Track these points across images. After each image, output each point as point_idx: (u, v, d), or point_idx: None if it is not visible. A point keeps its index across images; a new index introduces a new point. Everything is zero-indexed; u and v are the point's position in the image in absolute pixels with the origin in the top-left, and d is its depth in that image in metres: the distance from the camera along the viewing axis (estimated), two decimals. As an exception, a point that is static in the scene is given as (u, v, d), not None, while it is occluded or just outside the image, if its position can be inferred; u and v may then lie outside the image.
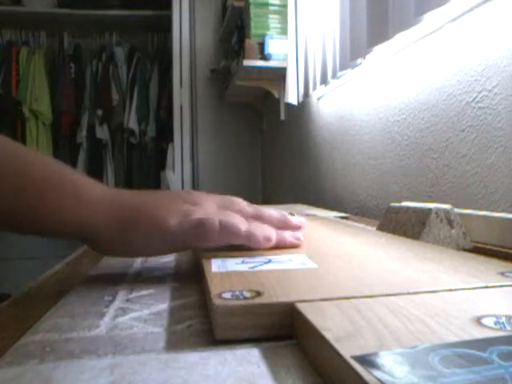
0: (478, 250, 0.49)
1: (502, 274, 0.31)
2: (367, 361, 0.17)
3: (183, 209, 0.39)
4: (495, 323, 0.22)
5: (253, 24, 1.69)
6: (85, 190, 0.39)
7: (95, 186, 0.40)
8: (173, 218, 0.38)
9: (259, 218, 0.43)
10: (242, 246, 0.41)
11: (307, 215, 0.86)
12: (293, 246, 0.43)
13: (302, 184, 1.71)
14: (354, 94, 1.21)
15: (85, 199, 0.38)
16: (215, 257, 0.39)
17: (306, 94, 1.42)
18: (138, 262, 0.49)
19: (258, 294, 0.27)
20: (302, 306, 0.25)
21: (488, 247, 0.50)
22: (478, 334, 0.20)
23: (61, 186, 0.38)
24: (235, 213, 0.41)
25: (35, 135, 2.74)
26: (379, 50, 0.97)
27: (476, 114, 0.72)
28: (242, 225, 0.39)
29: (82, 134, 2.82)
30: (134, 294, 0.36)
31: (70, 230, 0.39)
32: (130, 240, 0.39)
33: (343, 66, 1.10)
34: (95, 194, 0.39)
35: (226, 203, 0.43)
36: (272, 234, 0.41)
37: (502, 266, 0.34)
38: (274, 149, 2.24)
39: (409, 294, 0.27)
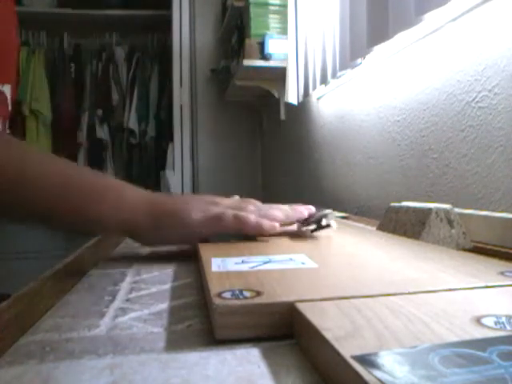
0: (478, 250, 0.49)
1: (502, 273, 0.31)
2: (367, 361, 0.17)
3: (204, 207, 0.49)
4: (495, 323, 0.22)
5: (253, 24, 1.69)
6: (126, 194, 0.48)
7: (132, 189, 0.49)
8: (196, 213, 0.47)
9: (266, 216, 0.51)
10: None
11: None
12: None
13: (302, 184, 1.71)
14: (353, 93, 1.21)
15: (128, 201, 0.47)
16: (215, 256, 0.39)
17: (306, 94, 1.42)
18: (138, 262, 0.49)
19: (258, 293, 0.27)
20: (301, 306, 0.25)
21: (488, 247, 0.50)
22: (478, 333, 0.20)
23: (105, 191, 0.47)
24: (248, 211, 0.50)
25: (35, 135, 2.74)
26: (379, 49, 0.97)
27: (476, 114, 0.72)
28: (252, 217, 0.48)
29: (82, 133, 2.82)
30: (134, 294, 0.36)
31: (116, 226, 0.47)
32: (162, 231, 0.48)
33: (343, 66, 1.10)
34: (135, 196, 0.48)
35: (242, 204, 0.52)
36: (276, 224, 0.50)
37: (502, 265, 0.35)
38: (274, 149, 2.24)
39: (409, 293, 0.27)
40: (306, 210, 0.55)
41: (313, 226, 0.54)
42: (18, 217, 0.48)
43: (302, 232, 0.55)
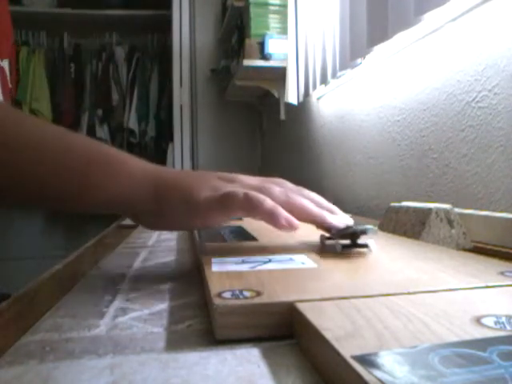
0: (478, 250, 0.49)
1: (502, 273, 0.31)
2: (367, 361, 0.17)
3: (216, 184, 0.40)
4: (495, 323, 0.22)
5: (253, 24, 1.69)
6: (127, 167, 0.40)
7: (134, 161, 0.41)
8: (203, 191, 0.39)
9: (290, 204, 0.40)
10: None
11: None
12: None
13: (302, 184, 1.71)
14: (353, 93, 1.21)
15: (128, 175, 0.40)
16: (215, 256, 0.39)
17: (306, 94, 1.42)
18: (138, 262, 0.49)
19: (258, 293, 0.27)
20: (301, 306, 0.25)
21: (488, 247, 0.50)
22: (478, 333, 0.20)
23: (104, 162, 0.40)
24: (270, 193, 0.40)
25: (35, 135, 2.74)
26: (379, 49, 0.97)
27: (476, 114, 0.72)
28: (267, 201, 0.38)
29: (82, 133, 2.82)
30: (134, 294, 0.36)
31: (114, 204, 0.40)
32: (166, 212, 0.40)
33: (343, 66, 1.10)
34: (137, 170, 0.40)
35: (265, 183, 0.43)
36: (295, 223, 0.38)
37: (502, 265, 0.35)
38: (274, 149, 2.24)
39: (409, 293, 0.27)
40: (344, 222, 0.42)
41: (346, 241, 0.42)
42: (37, 196, 0.41)
43: (328, 247, 0.43)
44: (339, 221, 0.42)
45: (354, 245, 0.42)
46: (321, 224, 0.42)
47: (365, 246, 0.41)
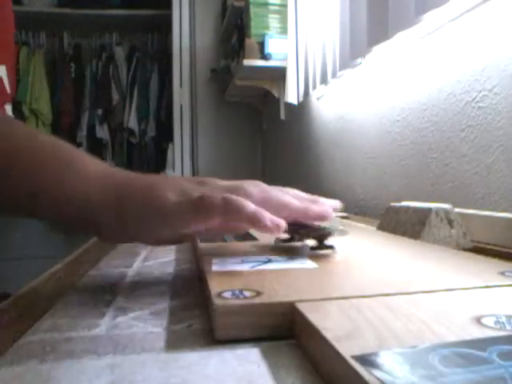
0: (478, 250, 0.49)
1: (502, 273, 0.31)
2: (367, 360, 0.17)
3: (185, 186, 0.36)
4: (495, 323, 0.22)
5: (253, 24, 1.69)
6: (85, 168, 0.36)
7: (90, 160, 0.38)
8: (171, 194, 0.34)
9: (270, 202, 0.37)
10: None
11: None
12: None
13: (302, 184, 1.71)
14: (354, 93, 1.21)
15: (85, 176, 0.36)
16: (215, 256, 0.40)
17: (306, 94, 1.42)
18: (138, 262, 0.49)
19: (258, 293, 0.27)
20: (302, 306, 0.25)
21: (488, 247, 0.50)
22: (478, 333, 0.20)
23: (55, 160, 0.37)
24: (247, 195, 0.36)
25: (35, 135, 2.74)
26: (379, 49, 0.97)
27: (476, 114, 0.72)
28: (249, 204, 0.33)
29: (82, 133, 2.82)
30: (134, 294, 0.36)
31: (68, 207, 0.35)
32: (127, 218, 0.34)
33: (343, 66, 1.10)
34: (91, 169, 0.37)
35: (242, 185, 0.39)
36: (282, 223, 0.34)
37: (502, 265, 0.35)
38: (274, 149, 2.24)
39: (409, 293, 0.27)
40: (331, 209, 0.40)
41: (313, 242, 0.42)
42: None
43: (298, 250, 0.43)
44: (325, 209, 0.39)
45: (322, 246, 0.41)
46: (305, 218, 0.39)
47: (330, 247, 0.41)
